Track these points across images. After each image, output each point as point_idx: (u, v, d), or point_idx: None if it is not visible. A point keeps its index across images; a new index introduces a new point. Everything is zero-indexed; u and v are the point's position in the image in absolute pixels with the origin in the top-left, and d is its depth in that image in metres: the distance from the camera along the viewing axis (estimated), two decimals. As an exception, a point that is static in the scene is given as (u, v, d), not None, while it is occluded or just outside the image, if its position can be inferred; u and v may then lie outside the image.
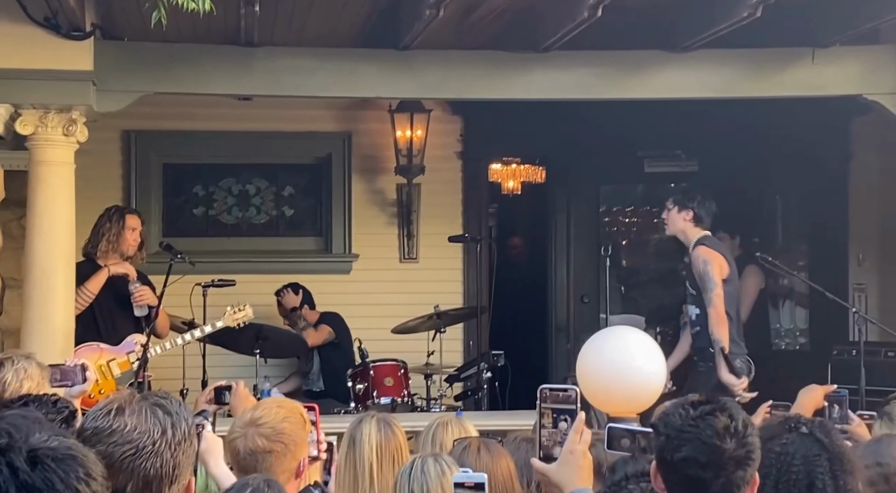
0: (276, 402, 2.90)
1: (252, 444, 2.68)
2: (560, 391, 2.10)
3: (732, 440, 2.04)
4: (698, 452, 2.03)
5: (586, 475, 2.08)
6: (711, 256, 5.84)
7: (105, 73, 5.44)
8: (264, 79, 5.76)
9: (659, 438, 2.09)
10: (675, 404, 2.13)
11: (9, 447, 1.24)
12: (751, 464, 2.07)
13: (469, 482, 2.30)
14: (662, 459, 2.08)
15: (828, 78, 5.94)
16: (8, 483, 1.22)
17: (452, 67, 5.89)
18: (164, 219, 7.59)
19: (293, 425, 2.76)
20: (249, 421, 2.74)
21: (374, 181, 7.69)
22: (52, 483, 1.24)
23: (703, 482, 2.03)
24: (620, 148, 7.98)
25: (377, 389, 6.40)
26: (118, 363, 5.80)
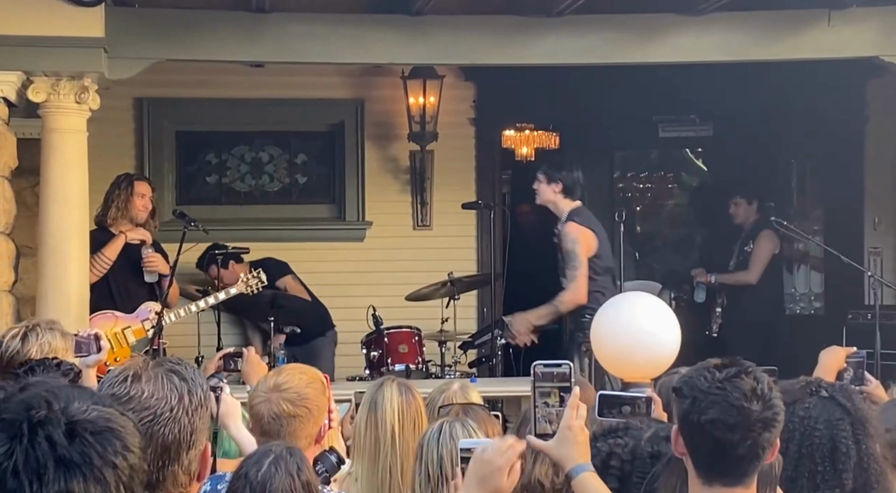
0: (299, 368, 2.92)
1: (277, 408, 2.71)
2: (554, 368, 2.11)
3: (759, 402, 2.04)
4: (726, 414, 2.03)
5: (584, 450, 2.09)
6: (580, 234, 5.95)
7: (117, 40, 5.42)
8: (276, 45, 5.74)
9: (684, 401, 2.08)
10: (697, 368, 2.12)
11: (47, 420, 1.24)
12: (776, 426, 2.07)
13: (476, 447, 2.31)
14: (688, 422, 2.07)
15: (844, 40, 5.87)
16: (46, 458, 1.22)
17: (465, 33, 5.84)
18: (178, 187, 7.60)
19: (316, 391, 2.79)
20: (273, 386, 2.76)
21: (387, 148, 7.67)
22: (89, 458, 1.24)
23: (729, 444, 2.03)
24: (635, 113, 7.93)
25: (391, 356, 6.42)
26: (133, 331, 5.83)
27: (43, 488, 1.21)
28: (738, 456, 2.05)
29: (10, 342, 3.50)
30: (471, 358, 7.06)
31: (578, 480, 2.12)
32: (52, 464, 1.22)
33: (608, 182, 8.51)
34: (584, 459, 2.10)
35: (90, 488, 1.23)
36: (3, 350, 3.49)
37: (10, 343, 3.50)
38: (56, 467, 1.22)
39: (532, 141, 9.13)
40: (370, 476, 2.95)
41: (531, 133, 9.07)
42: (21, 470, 1.21)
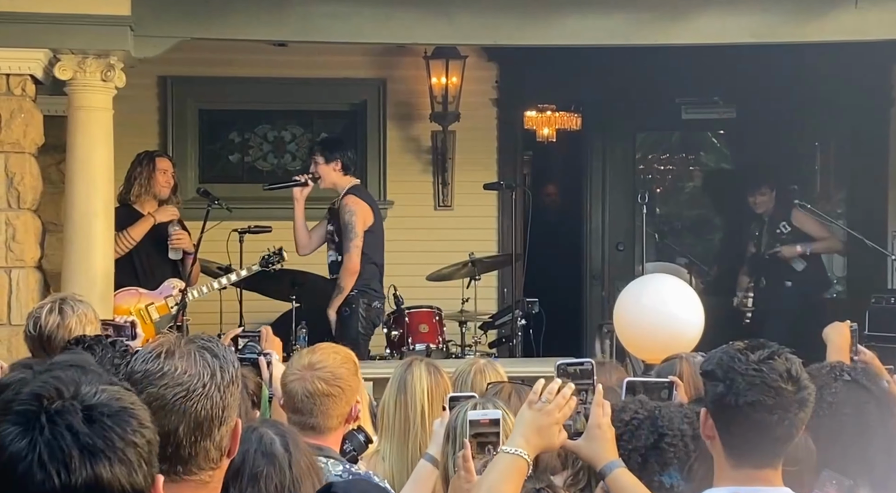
0: (332, 347, 2.93)
1: (312, 387, 2.73)
2: (577, 366, 2.13)
3: (793, 383, 2.05)
4: (765, 395, 2.04)
5: (612, 446, 2.11)
6: (358, 206, 6.10)
7: (142, 18, 5.44)
8: (300, 24, 5.74)
9: (718, 384, 2.09)
10: (727, 351, 2.13)
11: (64, 409, 1.26)
12: (809, 405, 2.09)
13: (484, 418, 2.31)
14: (724, 405, 2.08)
15: (871, 22, 5.82)
16: (70, 447, 1.24)
17: (489, 13, 5.83)
18: (200, 165, 7.63)
19: (349, 371, 2.81)
20: (308, 365, 2.78)
21: (409, 128, 7.67)
22: (111, 441, 1.26)
23: (768, 425, 2.05)
24: (657, 95, 7.90)
25: (412, 335, 6.44)
26: (156, 308, 5.88)
27: (70, 475, 1.23)
28: (776, 437, 2.06)
29: (48, 318, 3.47)
30: (491, 338, 7.07)
31: (612, 477, 2.14)
32: (76, 452, 1.24)
33: (630, 163, 8.49)
34: (613, 455, 2.13)
35: (115, 470, 1.25)
36: (43, 325, 3.47)
37: (48, 319, 3.47)
38: (81, 454, 1.24)
39: (554, 122, 9.11)
40: (399, 455, 2.98)
41: (553, 114, 9.05)
42: (47, 461, 1.23)
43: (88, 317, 3.51)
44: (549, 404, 2.06)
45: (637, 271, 7.27)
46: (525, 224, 7.30)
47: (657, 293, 4.30)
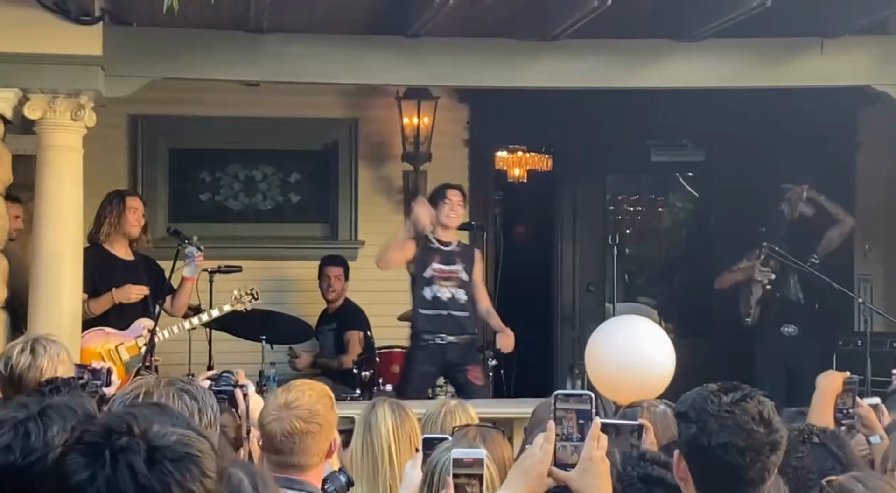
0: (307, 384, 2.93)
1: (289, 426, 2.72)
2: (574, 397, 2.09)
3: (766, 425, 2.06)
4: (736, 437, 2.04)
5: (606, 481, 2.07)
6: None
7: (114, 58, 5.43)
8: (273, 65, 5.76)
9: (691, 426, 2.10)
10: (700, 392, 2.14)
11: (129, 446, 1.28)
12: (781, 448, 2.09)
13: (468, 458, 2.30)
14: (696, 446, 2.08)
15: (836, 68, 5.93)
16: (127, 486, 1.26)
17: (461, 55, 5.88)
18: (171, 204, 7.60)
19: (325, 407, 2.81)
20: (284, 404, 2.78)
21: (381, 168, 7.69)
22: (168, 486, 1.27)
23: (740, 467, 2.05)
24: (627, 137, 7.98)
25: (383, 376, 6.41)
26: (126, 348, 5.82)
27: None
28: (748, 480, 2.06)
29: (19, 357, 3.44)
30: (462, 379, 7.05)
31: None
32: (132, 490, 1.25)
33: (600, 204, 8.54)
34: (607, 489, 2.09)
35: None
36: (14, 365, 3.44)
37: (19, 358, 3.44)
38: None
39: (525, 163, 9.17)
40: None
41: (524, 155, 9.12)
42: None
43: (61, 357, 3.48)
44: (535, 447, 2.04)
45: (608, 312, 7.29)
46: (496, 264, 7.32)
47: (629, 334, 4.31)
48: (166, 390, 1.80)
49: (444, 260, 6.24)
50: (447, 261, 6.24)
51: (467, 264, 6.29)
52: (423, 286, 6.21)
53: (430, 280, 6.20)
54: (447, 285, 6.21)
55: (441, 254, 6.24)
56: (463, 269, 6.25)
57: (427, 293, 6.21)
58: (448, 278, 6.22)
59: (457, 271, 6.24)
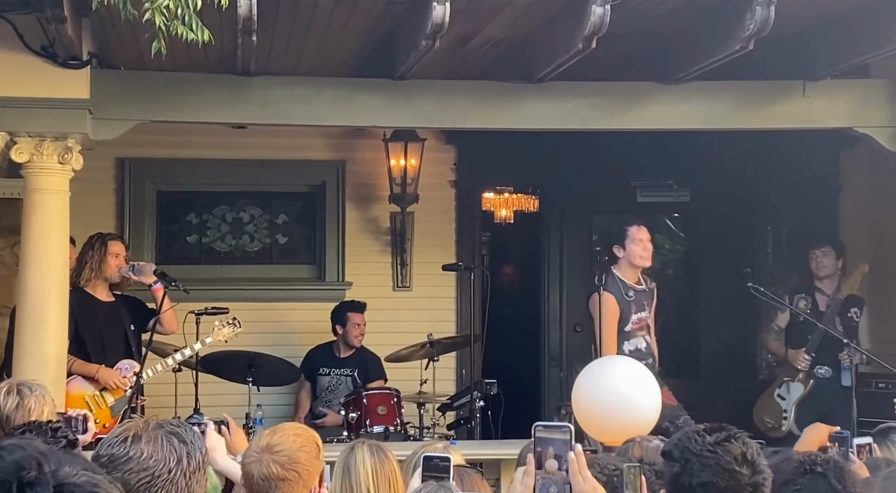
0: (294, 429, 2.90)
1: (267, 470, 2.70)
2: (554, 430, 2.08)
3: (748, 466, 2.06)
4: (718, 477, 2.05)
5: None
6: None
7: (101, 101, 5.46)
8: (260, 108, 5.79)
9: (674, 465, 2.10)
10: (685, 431, 2.15)
11: (37, 481, 1.25)
12: (764, 490, 2.09)
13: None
14: (679, 485, 2.09)
15: (818, 111, 5.99)
16: None
17: (447, 97, 5.92)
18: (158, 246, 7.59)
19: (308, 454, 2.77)
20: (266, 447, 2.76)
21: (368, 209, 7.71)
22: None
23: None
24: (613, 178, 8.03)
25: (370, 417, 6.39)
26: (111, 392, 5.78)
27: None
28: None
29: (6, 399, 3.45)
30: (449, 420, 7.04)
31: None
32: None
33: (587, 245, 8.57)
34: None
35: None
36: (1, 406, 3.44)
37: (6, 400, 3.45)
38: None
39: (511, 204, 9.21)
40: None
41: (510, 196, 9.16)
42: None
43: (46, 399, 3.49)
44: (515, 482, 2.03)
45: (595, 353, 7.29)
46: (483, 305, 7.32)
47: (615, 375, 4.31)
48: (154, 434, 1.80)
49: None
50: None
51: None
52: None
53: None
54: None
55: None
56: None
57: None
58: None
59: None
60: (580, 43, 4.87)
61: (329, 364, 7.06)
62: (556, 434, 2.01)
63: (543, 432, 2.02)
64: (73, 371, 5.72)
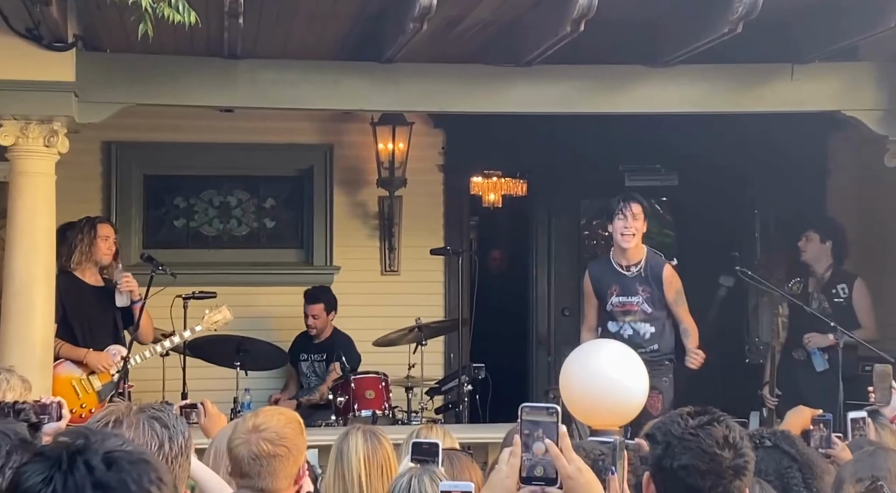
0: (275, 409, 2.95)
1: (257, 449, 2.73)
2: (540, 410, 2.06)
3: (730, 449, 2.07)
4: (699, 460, 2.05)
5: (596, 488, 2.00)
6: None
7: (87, 84, 5.43)
8: (248, 91, 5.77)
9: (657, 447, 2.11)
10: (671, 414, 2.16)
11: (86, 448, 1.27)
12: (747, 474, 2.10)
13: (456, 490, 2.31)
14: (661, 467, 2.10)
15: (807, 94, 5.99)
16: (84, 481, 1.25)
17: (435, 80, 5.91)
18: (145, 230, 7.56)
19: (293, 431, 2.81)
20: (252, 427, 2.79)
21: (356, 193, 7.69)
22: (125, 484, 1.27)
23: (701, 490, 2.06)
24: (601, 162, 8.02)
25: (358, 401, 6.39)
26: (98, 376, 5.77)
27: None
28: None
29: None
30: (437, 404, 7.05)
31: None
32: (90, 487, 1.24)
33: (575, 229, 8.58)
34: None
35: None
36: None
37: None
38: (94, 491, 1.24)
39: (500, 188, 9.20)
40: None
41: (499, 180, 9.15)
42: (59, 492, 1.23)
43: (10, 384, 3.48)
44: (501, 463, 2.03)
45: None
46: (472, 289, 7.32)
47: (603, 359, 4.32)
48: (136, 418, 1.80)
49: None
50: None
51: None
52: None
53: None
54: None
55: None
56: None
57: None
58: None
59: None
60: (568, 26, 4.86)
61: (307, 350, 7.06)
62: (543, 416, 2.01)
63: (530, 413, 2.01)
64: (61, 355, 5.70)
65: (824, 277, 6.65)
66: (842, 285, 6.56)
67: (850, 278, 6.65)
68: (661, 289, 5.76)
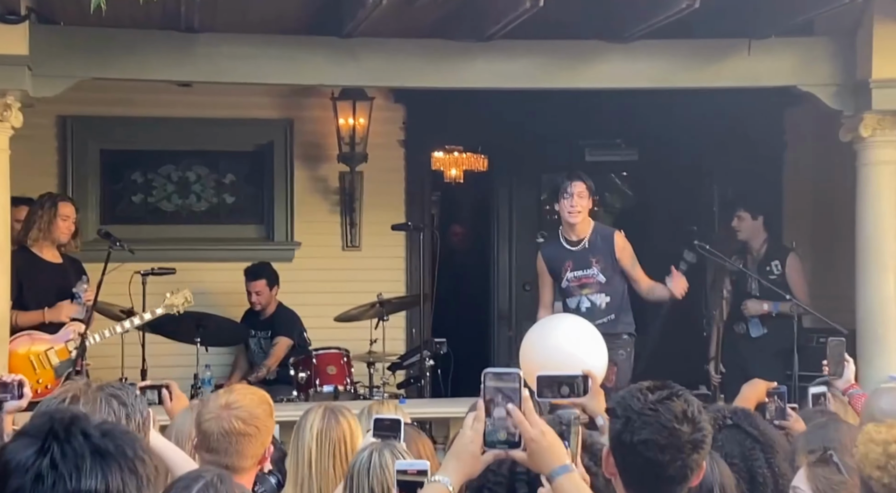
0: (248, 389, 2.96)
1: (228, 426, 2.74)
2: (504, 376, 2.08)
3: (689, 424, 2.09)
4: (658, 434, 2.07)
5: (559, 451, 2.04)
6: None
7: (41, 57, 5.34)
8: (205, 65, 5.71)
9: (617, 421, 2.13)
10: (630, 389, 2.17)
11: (78, 420, 1.29)
12: (704, 448, 2.12)
13: (412, 469, 2.34)
14: (620, 441, 2.12)
15: (763, 69, 6.04)
16: (83, 448, 1.25)
17: (395, 55, 5.88)
18: (102, 206, 7.48)
19: (264, 411, 2.83)
20: (224, 405, 2.79)
21: (317, 169, 7.66)
22: (122, 450, 1.28)
23: (660, 464, 2.08)
24: (562, 137, 8.05)
25: (320, 377, 6.40)
26: (56, 352, 5.72)
27: (82, 479, 1.24)
28: (668, 477, 2.09)
29: None
30: (399, 379, 7.06)
31: (554, 486, 2.04)
32: (89, 455, 1.25)
33: (536, 204, 8.60)
34: (558, 461, 2.03)
35: (126, 479, 1.27)
36: None
37: None
38: (93, 457, 1.25)
39: (461, 163, 9.20)
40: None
41: (460, 155, 9.14)
42: (59, 462, 1.23)
43: None
44: (465, 428, 2.04)
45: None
46: (433, 265, 7.33)
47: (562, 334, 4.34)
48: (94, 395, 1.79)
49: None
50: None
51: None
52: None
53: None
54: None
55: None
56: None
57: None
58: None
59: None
60: (528, 2, 4.85)
61: (254, 327, 7.02)
62: (506, 381, 2.03)
63: (493, 379, 2.04)
64: (20, 324, 5.64)
65: (760, 252, 6.79)
66: (775, 261, 6.72)
67: (783, 253, 6.80)
68: (614, 257, 5.82)
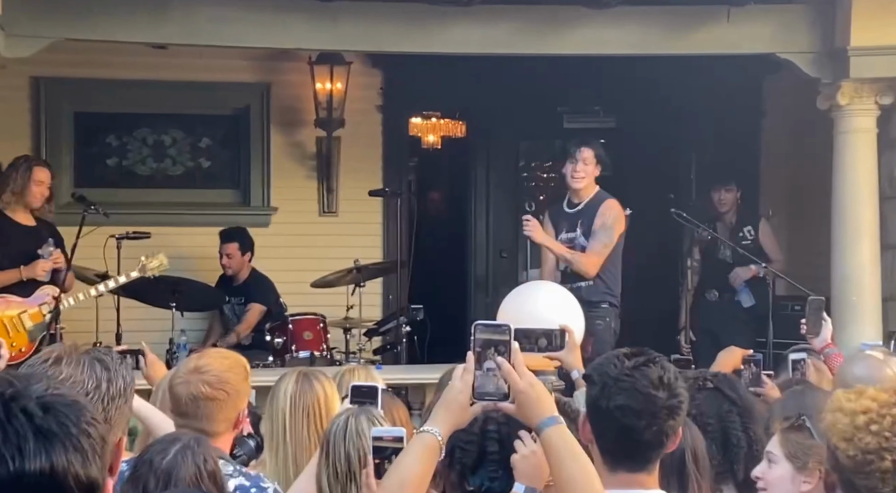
0: (221, 353, 2.94)
1: (195, 390, 2.73)
2: (493, 327, 2.06)
3: (665, 390, 2.10)
4: (634, 400, 2.08)
5: (547, 403, 2.03)
6: (621, 213, 5.88)
7: (13, 17, 5.26)
8: (181, 27, 5.64)
9: (593, 387, 2.13)
10: (607, 355, 2.18)
11: (18, 395, 1.22)
12: (680, 414, 2.13)
13: (388, 435, 2.34)
14: (597, 408, 2.12)
15: (742, 36, 6.03)
16: (25, 429, 1.20)
17: (374, 20, 5.83)
18: (76, 169, 7.41)
19: (236, 375, 2.80)
20: (194, 369, 2.78)
21: (294, 134, 7.61)
22: (66, 427, 1.23)
23: (636, 430, 2.08)
24: (540, 104, 8.02)
25: (296, 342, 6.39)
26: (30, 315, 5.68)
27: (25, 462, 1.19)
28: (644, 442, 2.10)
29: None
30: (376, 345, 7.07)
31: (542, 437, 2.03)
32: (31, 436, 1.20)
33: (513, 171, 8.60)
34: (547, 413, 2.01)
35: (70, 457, 1.22)
36: None
37: None
38: (36, 438, 1.20)
39: (439, 129, 9.16)
40: (273, 467, 2.97)
41: (437, 121, 9.11)
42: (1, 445, 1.18)
43: None
44: (454, 379, 2.05)
45: (521, 278, 7.36)
46: (410, 231, 7.32)
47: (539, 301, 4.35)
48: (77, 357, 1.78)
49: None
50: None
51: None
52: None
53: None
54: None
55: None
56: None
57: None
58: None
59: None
60: (508, -35, 4.82)
61: (228, 292, 6.99)
62: (496, 333, 2.04)
63: (483, 331, 2.04)
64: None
65: (732, 221, 6.92)
66: (747, 227, 6.87)
67: (755, 219, 6.94)
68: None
